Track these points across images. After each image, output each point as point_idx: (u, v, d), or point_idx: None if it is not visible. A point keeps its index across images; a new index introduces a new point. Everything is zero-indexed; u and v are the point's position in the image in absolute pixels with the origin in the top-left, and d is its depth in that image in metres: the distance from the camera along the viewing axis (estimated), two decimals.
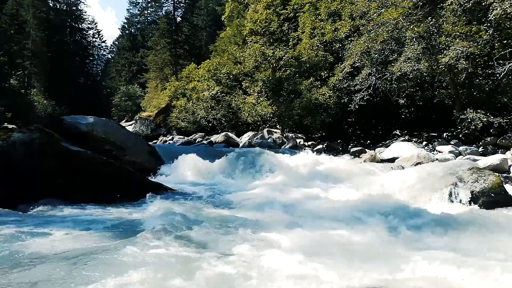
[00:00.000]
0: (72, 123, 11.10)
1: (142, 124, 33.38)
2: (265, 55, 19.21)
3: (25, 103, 14.95)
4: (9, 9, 22.68)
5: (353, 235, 4.88)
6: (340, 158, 12.95)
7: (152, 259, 3.86)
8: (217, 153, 12.89)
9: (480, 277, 3.49)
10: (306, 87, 17.81)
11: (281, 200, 7.21)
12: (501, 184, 6.90)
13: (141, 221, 5.61)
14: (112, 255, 3.94)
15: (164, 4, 51.90)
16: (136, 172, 8.36)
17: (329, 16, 19.46)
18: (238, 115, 22.52)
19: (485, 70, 13.14)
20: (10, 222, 5.39)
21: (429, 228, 5.29)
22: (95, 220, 5.67)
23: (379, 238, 4.81)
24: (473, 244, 4.63)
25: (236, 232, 4.99)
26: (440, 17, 13.38)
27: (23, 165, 6.69)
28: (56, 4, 50.25)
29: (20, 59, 20.92)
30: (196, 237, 4.70)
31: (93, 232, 4.92)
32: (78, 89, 44.85)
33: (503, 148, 12.15)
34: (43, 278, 3.40)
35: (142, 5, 56.88)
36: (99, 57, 60.79)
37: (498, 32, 12.46)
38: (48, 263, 3.70)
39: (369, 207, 6.50)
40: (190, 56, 39.91)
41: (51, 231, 4.90)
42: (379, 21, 14.73)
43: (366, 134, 17.31)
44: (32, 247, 4.22)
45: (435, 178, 7.22)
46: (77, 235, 4.80)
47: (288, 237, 4.68)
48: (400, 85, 15.31)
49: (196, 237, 4.72)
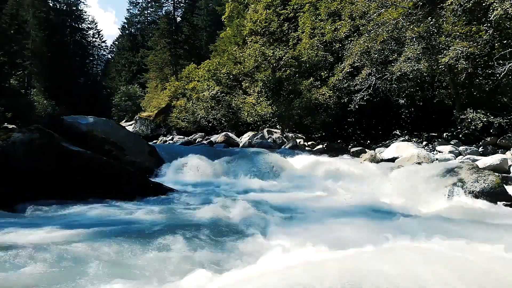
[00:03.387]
0: (72, 123, 11.10)
1: (142, 124, 33.38)
2: (265, 55, 19.20)
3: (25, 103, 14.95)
4: (9, 9, 22.68)
5: (353, 236, 4.88)
6: (340, 158, 12.95)
7: (152, 259, 3.86)
8: (217, 153, 12.90)
9: (480, 278, 3.49)
10: (306, 87, 17.81)
11: (281, 200, 7.21)
12: (501, 184, 6.90)
13: (141, 221, 5.60)
14: (112, 255, 3.94)
15: (164, 4, 51.98)
16: (136, 172, 8.36)
17: (329, 16, 19.46)
18: (238, 115, 22.53)
19: (485, 70, 13.13)
20: (9, 223, 5.39)
21: (429, 228, 5.29)
22: (94, 220, 5.67)
23: (379, 238, 4.80)
24: (473, 243, 4.62)
25: (236, 231, 4.99)
26: (440, 17, 13.38)
27: (23, 165, 6.68)
28: (56, 4, 50.27)
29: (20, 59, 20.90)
30: (195, 237, 4.70)
31: (93, 232, 4.91)
32: (78, 89, 44.87)
33: (503, 148, 12.15)
34: (42, 278, 3.40)
35: (142, 5, 56.92)
36: (99, 57, 60.83)
37: (498, 32, 12.46)
38: (47, 263, 3.69)
39: (368, 207, 6.51)
40: (190, 56, 39.90)
41: (50, 231, 4.89)
42: (379, 21, 14.73)
43: (366, 134, 17.31)
44: (30, 247, 4.22)
45: (435, 178, 7.22)
46: (76, 235, 4.79)
47: (289, 237, 4.68)
48: (400, 85, 15.31)
49: (195, 237, 4.72)
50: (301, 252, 4.10)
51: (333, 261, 3.43)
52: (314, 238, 4.57)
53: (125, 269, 3.58)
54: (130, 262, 3.77)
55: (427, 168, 7.93)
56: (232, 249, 4.25)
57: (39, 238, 4.62)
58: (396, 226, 5.34)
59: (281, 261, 3.82)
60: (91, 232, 4.90)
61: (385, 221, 5.62)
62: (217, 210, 6.31)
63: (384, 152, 13.32)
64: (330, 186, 8.91)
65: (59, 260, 3.80)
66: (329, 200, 7.38)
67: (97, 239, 4.65)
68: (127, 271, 3.53)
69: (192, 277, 3.43)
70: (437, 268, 3.31)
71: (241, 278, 3.39)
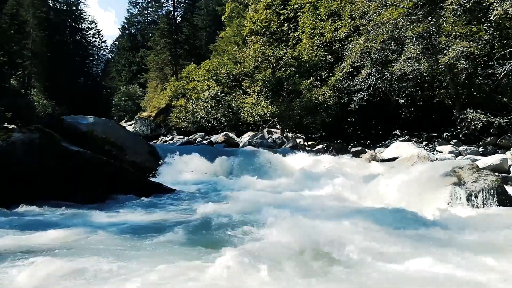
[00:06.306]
0: (72, 123, 11.10)
1: (142, 124, 33.38)
2: (265, 55, 19.20)
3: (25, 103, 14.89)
4: (9, 9, 22.64)
5: (353, 236, 4.87)
6: (340, 158, 12.94)
7: (151, 259, 3.86)
8: (217, 153, 12.89)
9: (480, 276, 3.49)
10: (306, 87, 17.81)
11: (281, 200, 7.20)
12: (501, 184, 6.90)
13: (141, 221, 5.61)
14: (111, 255, 3.94)
15: (164, 4, 51.93)
16: (136, 172, 8.36)
17: (329, 16, 19.46)
18: (238, 115, 22.52)
19: (485, 70, 13.13)
20: (9, 222, 5.40)
21: (429, 227, 5.29)
22: (94, 220, 5.67)
23: (379, 238, 4.80)
24: (473, 243, 4.63)
25: (236, 231, 5.00)
26: (440, 17, 13.38)
27: (23, 165, 6.69)
28: (56, 4, 50.18)
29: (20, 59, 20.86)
30: (195, 237, 4.70)
31: (92, 232, 4.92)
32: (78, 89, 44.77)
33: (503, 148, 12.15)
34: (43, 278, 3.40)
35: (142, 5, 56.85)
36: (99, 57, 60.71)
37: (498, 32, 12.45)
38: (46, 264, 3.69)
39: (368, 207, 6.50)
40: (190, 56, 39.88)
41: (50, 231, 4.90)
42: (379, 21, 14.72)
43: (366, 134, 17.30)
44: (30, 247, 4.22)
45: (435, 178, 7.21)
46: (75, 234, 4.80)
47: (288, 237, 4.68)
48: (400, 85, 15.30)
49: (195, 237, 4.72)
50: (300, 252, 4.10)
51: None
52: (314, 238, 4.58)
53: (125, 268, 3.58)
54: (130, 261, 3.77)
55: (427, 168, 7.92)
56: (232, 249, 4.25)
57: (39, 238, 4.62)
58: (395, 226, 5.34)
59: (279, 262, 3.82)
60: (91, 232, 4.91)
61: (385, 221, 5.61)
62: (217, 210, 6.31)
63: (384, 152, 13.32)
64: (330, 186, 8.90)
65: (59, 260, 3.80)
66: (329, 200, 7.38)
67: (96, 238, 4.66)
68: (127, 269, 3.53)
69: (192, 275, 3.43)
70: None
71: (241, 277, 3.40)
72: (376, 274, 3.55)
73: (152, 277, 3.42)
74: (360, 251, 4.09)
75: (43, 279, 3.38)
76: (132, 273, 3.50)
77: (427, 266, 3.70)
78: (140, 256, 3.95)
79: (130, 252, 4.08)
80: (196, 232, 4.89)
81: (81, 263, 3.74)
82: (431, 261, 3.83)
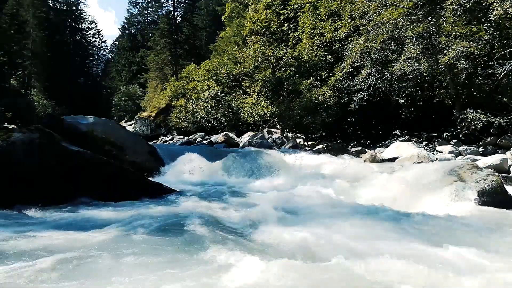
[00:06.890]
0: (72, 123, 11.10)
1: (142, 124, 33.40)
2: (265, 55, 19.21)
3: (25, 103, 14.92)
4: (9, 9, 22.65)
5: (353, 236, 4.88)
6: (340, 158, 12.95)
7: (151, 259, 3.86)
8: (217, 153, 12.89)
9: (480, 276, 3.49)
10: (306, 87, 17.82)
11: (281, 199, 7.20)
12: (501, 184, 6.90)
13: (141, 222, 5.60)
14: (111, 255, 3.94)
15: (164, 4, 52.01)
16: (136, 172, 8.36)
17: (329, 16, 19.47)
18: (238, 115, 22.52)
19: (485, 70, 13.13)
20: (9, 222, 5.39)
21: (429, 227, 5.29)
22: (94, 221, 5.67)
23: (378, 238, 4.81)
24: (473, 243, 4.62)
25: (236, 231, 5.00)
26: (440, 17, 13.38)
27: (23, 165, 6.68)
28: (56, 4, 50.21)
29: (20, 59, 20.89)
30: (195, 237, 4.70)
31: (92, 232, 4.92)
32: (78, 89, 44.80)
33: (503, 148, 12.15)
34: (41, 278, 3.40)
35: (142, 5, 56.92)
36: (99, 57, 60.74)
37: (498, 32, 12.45)
38: (45, 263, 3.69)
39: (368, 208, 6.50)
40: (190, 56, 39.91)
41: (49, 231, 4.90)
42: (379, 21, 14.73)
43: (366, 134, 17.30)
44: (29, 247, 4.22)
45: (435, 178, 7.21)
46: (75, 234, 4.79)
47: (289, 237, 4.68)
48: (400, 85, 15.31)
49: (195, 236, 4.72)
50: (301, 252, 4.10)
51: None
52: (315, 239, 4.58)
53: (125, 268, 3.58)
54: (130, 261, 3.77)
55: (427, 168, 7.92)
56: (232, 249, 4.25)
57: (39, 238, 4.62)
58: (396, 226, 5.34)
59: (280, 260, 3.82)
60: (91, 232, 4.91)
61: (385, 221, 5.61)
62: (217, 210, 6.31)
63: (384, 152, 13.32)
64: (330, 186, 8.89)
65: (58, 260, 3.80)
66: (329, 200, 7.37)
67: (96, 239, 4.66)
68: (126, 270, 3.53)
69: (192, 275, 3.43)
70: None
71: (241, 276, 3.40)
72: (372, 273, 3.54)
73: (152, 277, 3.42)
74: (358, 251, 4.10)
75: (43, 279, 3.38)
76: (131, 273, 3.50)
77: (427, 266, 3.70)
78: (140, 256, 3.95)
79: (130, 252, 4.08)
80: (196, 232, 4.88)
81: (81, 263, 3.74)
82: (430, 261, 3.83)
